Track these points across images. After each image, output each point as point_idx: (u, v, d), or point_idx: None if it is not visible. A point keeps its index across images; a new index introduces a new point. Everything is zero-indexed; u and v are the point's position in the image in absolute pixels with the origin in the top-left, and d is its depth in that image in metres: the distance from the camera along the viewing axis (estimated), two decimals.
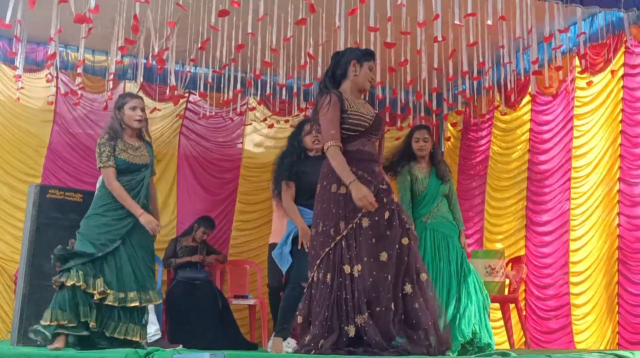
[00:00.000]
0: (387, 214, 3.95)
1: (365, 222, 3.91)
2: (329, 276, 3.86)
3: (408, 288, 3.89)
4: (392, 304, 3.81)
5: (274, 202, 6.06)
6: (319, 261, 3.94)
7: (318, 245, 3.99)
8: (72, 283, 4.69)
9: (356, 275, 3.83)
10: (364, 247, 3.87)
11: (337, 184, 4.00)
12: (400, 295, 3.87)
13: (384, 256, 3.86)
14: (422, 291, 3.92)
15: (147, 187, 5.02)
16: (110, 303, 4.78)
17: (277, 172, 5.42)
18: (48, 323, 4.69)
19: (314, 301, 3.90)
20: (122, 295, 4.84)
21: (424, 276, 3.98)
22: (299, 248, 5.12)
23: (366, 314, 3.74)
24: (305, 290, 4.06)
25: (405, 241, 3.95)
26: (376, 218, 3.92)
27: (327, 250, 3.93)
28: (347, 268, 3.84)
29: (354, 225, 3.91)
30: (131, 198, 4.92)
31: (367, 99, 4.44)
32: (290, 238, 5.21)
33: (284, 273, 5.37)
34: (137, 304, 4.85)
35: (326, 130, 4.01)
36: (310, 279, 3.99)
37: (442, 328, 3.96)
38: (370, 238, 3.89)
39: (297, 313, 4.02)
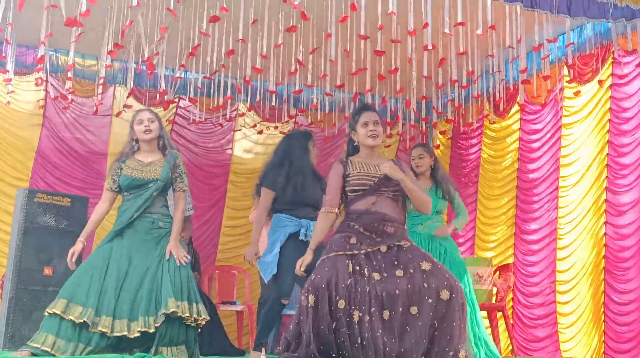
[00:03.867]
0: (399, 271, 3.93)
1: (377, 276, 3.91)
2: (311, 298, 3.82)
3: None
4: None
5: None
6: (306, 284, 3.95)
7: None
8: None
9: (356, 320, 3.79)
10: (374, 297, 3.86)
11: (342, 234, 4.10)
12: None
13: (386, 314, 3.83)
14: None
15: (151, 200, 4.87)
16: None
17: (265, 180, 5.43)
18: None
19: (305, 324, 3.84)
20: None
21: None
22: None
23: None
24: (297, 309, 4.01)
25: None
26: (393, 271, 3.94)
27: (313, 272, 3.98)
28: (345, 306, 3.81)
29: (359, 270, 3.92)
30: (90, 228, 4.95)
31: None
32: (277, 248, 5.20)
33: (265, 281, 5.38)
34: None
35: (325, 195, 4.30)
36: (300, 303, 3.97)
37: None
38: (387, 290, 3.87)
39: (286, 331, 3.99)
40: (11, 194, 7.26)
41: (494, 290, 7.28)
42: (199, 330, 4.85)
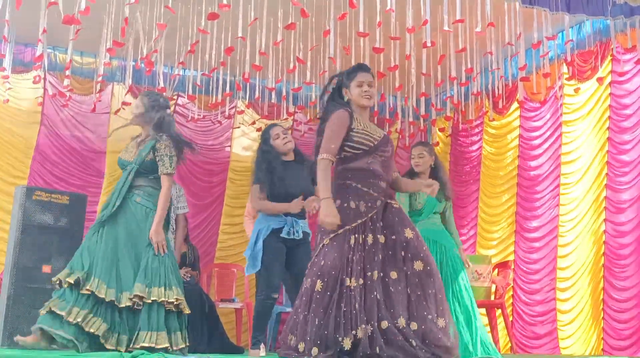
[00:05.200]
0: (382, 238, 3.97)
1: (370, 239, 3.94)
2: (319, 284, 3.84)
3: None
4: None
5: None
6: (310, 266, 3.97)
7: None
8: None
9: (353, 287, 3.82)
10: (368, 262, 3.90)
11: (340, 200, 4.02)
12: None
13: (375, 275, 3.88)
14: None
15: (128, 183, 4.86)
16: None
17: (253, 178, 5.43)
18: None
19: (306, 308, 3.86)
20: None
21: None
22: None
23: (363, 326, 3.74)
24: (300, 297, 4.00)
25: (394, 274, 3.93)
26: (378, 236, 3.96)
27: (315, 255, 3.98)
28: (347, 281, 3.83)
29: (356, 239, 3.93)
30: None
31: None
32: (261, 242, 5.19)
33: (246, 274, 5.38)
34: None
35: (327, 142, 4.04)
36: (303, 286, 3.98)
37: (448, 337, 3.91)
38: (376, 254, 3.92)
39: (289, 317, 4.01)
40: (9, 192, 7.24)
41: (493, 288, 7.27)
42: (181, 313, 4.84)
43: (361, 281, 3.84)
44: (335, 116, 4.10)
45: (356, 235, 3.94)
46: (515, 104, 8.01)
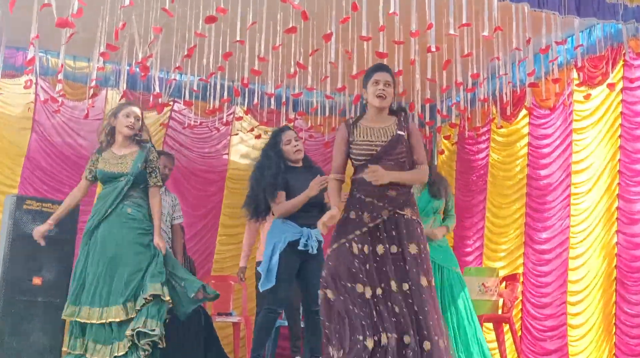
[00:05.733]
0: (394, 248, 4.06)
1: (380, 249, 4.04)
2: (328, 293, 3.96)
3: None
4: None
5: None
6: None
7: None
8: None
9: (369, 295, 3.94)
10: (380, 272, 4.01)
11: (344, 211, 4.19)
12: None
13: (391, 285, 3.99)
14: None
15: (123, 194, 5.06)
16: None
17: (260, 187, 5.17)
18: None
19: (325, 317, 4.01)
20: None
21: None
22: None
23: (385, 334, 3.84)
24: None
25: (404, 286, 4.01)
26: (389, 246, 4.05)
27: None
28: (360, 288, 3.95)
29: (361, 249, 4.02)
30: (62, 212, 5.28)
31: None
32: (277, 257, 5.00)
33: (261, 290, 5.21)
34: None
35: (333, 161, 4.33)
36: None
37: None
38: (388, 264, 4.02)
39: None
40: None
41: (501, 302, 7.11)
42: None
43: (379, 291, 3.94)
44: (336, 133, 4.39)
45: (360, 245, 4.01)
46: (524, 111, 7.86)
